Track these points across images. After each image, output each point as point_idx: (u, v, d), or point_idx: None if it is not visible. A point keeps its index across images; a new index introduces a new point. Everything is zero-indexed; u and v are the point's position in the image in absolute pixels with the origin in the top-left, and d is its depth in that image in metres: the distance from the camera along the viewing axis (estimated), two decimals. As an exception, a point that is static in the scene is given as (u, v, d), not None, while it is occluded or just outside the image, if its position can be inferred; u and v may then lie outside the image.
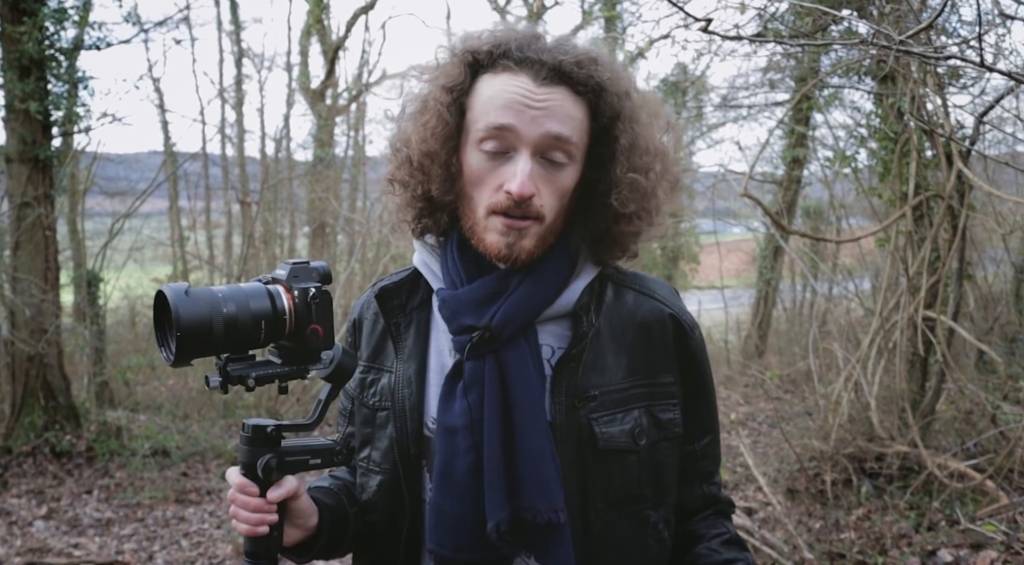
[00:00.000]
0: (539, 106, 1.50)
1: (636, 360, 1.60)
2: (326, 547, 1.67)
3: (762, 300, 14.31)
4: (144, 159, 16.57)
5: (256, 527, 1.52)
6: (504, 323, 1.54)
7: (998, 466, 5.54)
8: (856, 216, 12.13)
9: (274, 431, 1.54)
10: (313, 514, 1.63)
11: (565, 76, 1.51)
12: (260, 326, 1.46)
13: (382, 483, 1.67)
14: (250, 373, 1.49)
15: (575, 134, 1.53)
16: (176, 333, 1.39)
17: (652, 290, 1.68)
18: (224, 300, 1.44)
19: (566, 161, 1.53)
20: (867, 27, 4.55)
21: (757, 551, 5.46)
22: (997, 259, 9.41)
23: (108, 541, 6.77)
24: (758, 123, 17.24)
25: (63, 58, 8.98)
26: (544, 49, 1.53)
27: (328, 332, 1.51)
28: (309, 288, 1.49)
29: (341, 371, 1.54)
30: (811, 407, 8.37)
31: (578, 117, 1.53)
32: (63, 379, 8.95)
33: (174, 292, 1.41)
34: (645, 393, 1.60)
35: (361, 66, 17.98)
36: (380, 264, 11.93)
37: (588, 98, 1.54)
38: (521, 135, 1.51)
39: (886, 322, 6.68)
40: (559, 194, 1.55)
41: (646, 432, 1.58)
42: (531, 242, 1.54)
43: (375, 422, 1.69)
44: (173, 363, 1.43)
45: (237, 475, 1.54)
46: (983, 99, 5.95)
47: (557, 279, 1.58)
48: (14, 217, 8.72)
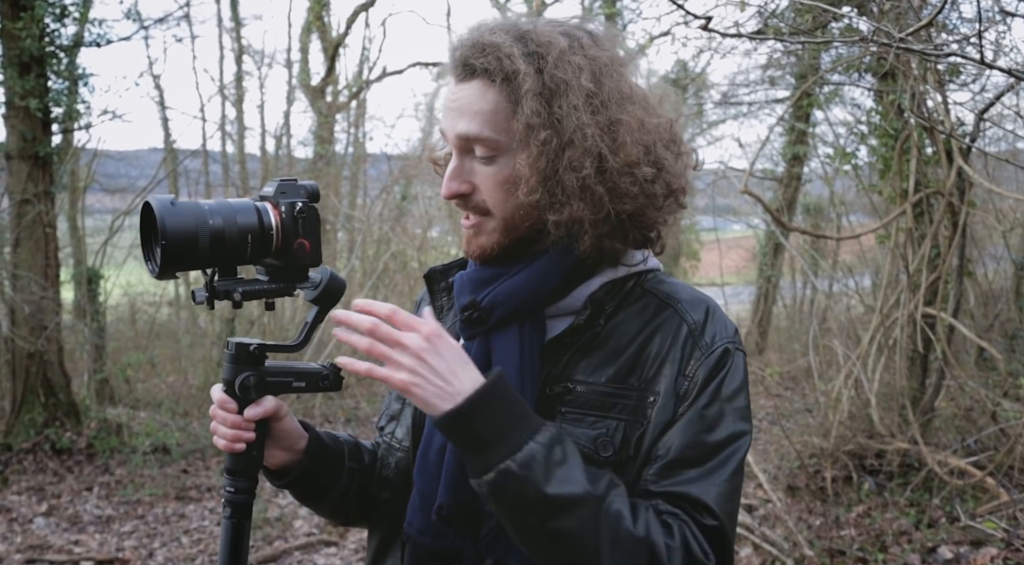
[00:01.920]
0: (454, 106, 1.50)
1: (631, 368, 1.50)
2: (309, 483, 1.68)
3: (762, 297, 14.32)
4: (144, 156, 16.57)
5: (232, 443, 1.53)
6: (492, 304, 1.52)
7: (998, 463, 5.54)
8: (856, 213, 12.14)
9: (256, 349, 1.54)
10: (300, 439, 1.64)
11: (471, 68, 1.48)
12: (247, 241, 1.46)
13: (400, 461, 1.68)
14: (236, 288, 1.49)
15: (486, 128, 1.47)
16: (161, 242, 1.38)
17: (679, 301, 1.55)
18: (211, 213, 1.44)
19: (491, 154, 1.49)
20: (867, 24, 4.54)
21: (757, 548, 5.46)
22: (997, 256, 9.41)
23: (108, 538, 6.77)
24: (758, 120, 17.27)
25: (63, 55, 8.98)
26: (463, 42, 1.50)
27: (315, 247, 1.51)
28: (296, 203, 1.50)
29: (329, 293, 1.54)
30: (811, 404, 8.38)
31: (488, 108, 1.47)
32: (63, 376, 8.95)
33: (160, 203, 1.40)
34: (632, 407, 1.48)
35: (361, 63, 17.94)
36: (380, 261, 11.93)
37: (502, 83, 1.46)
38: (448, 137, 1.53)
39: (886, 319, 6.69)
40: (501, 186, 1.50)
41: (615, 446, 1.46)
42: (488, 238, 1.54)
43: (404, 399, 1.70)
44: (158, 274, 1.43)
45: (219, 391, 1.55)
46: (983, 96, 5.95)
47: (561, 271, 1.53)
48: (14, 214, 8.73)
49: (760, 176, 13.83)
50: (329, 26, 17.04)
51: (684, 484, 1.43)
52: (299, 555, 6.30)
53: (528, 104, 1.43)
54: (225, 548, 1.59)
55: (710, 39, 6.31)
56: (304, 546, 6.40)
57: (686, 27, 7.44)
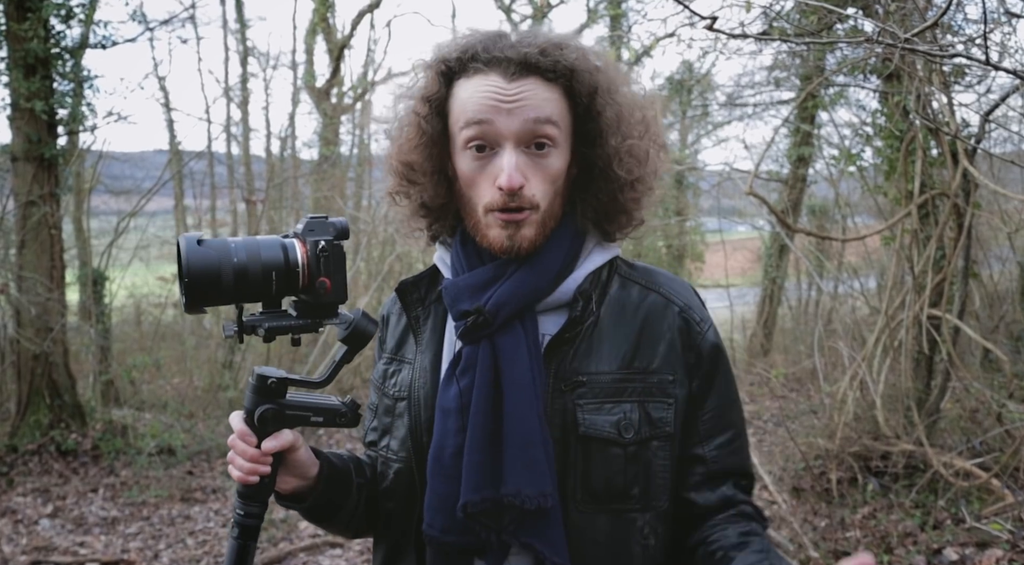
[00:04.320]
0: (513, 100, 1.55)
1: (634, 353, 1.60)
2: (321, 505, 1.71)
3: (767, 299, 14.31)
4: (149, 158, 16.59)
5: (247, 476, 1.58)
6: (497, 307, 1.57)
7: (1004, 464, 5.53)
8: (861, 214, 12.12)
9: (275, 383, 1.58)
10: (312, 466, 1.68)
11: (533, 67, 1.55)
12: (271, 277, 1.50)
13: (399, 471, 1.70)
14: (263, 323, 1.54)
15: (555, 114, 1.57)
16: (184, 279, 1.43)
17: (660, 285, 1.68)
18: (235, 250, 1.48)
19: (551, 145, 1.57)
20: (873, 25, 4.54)
21: (762, 550, 5.45)
22: (1003, 257, 9.39)
23: (114, 540, 6.78)
24: (763, 121, 17.24)
25: (68, 57, 8.99)
26: (509, 46, 1.57)
27: (338, 286, 1.54)
28: (319, 240, 1.53)
29: (358, 334, 1.58)
30: (816, 405, 8.38)
31: (555, 100, 1.58)
32: (69, 378, 8.97)
33: (187, 241, 1.46)
34: (640, 388, 1.59)
35: (366, 65, 17.98)
36: (386, 263, 11.93)
37: (561, 82, 1.58)
38: (502, 130, 1.56)
39: (891, 320, 6.68)
40: (550, 179, 1.59)
41: (635, 427, 1.57)
42: (531, 230, 1.59)
43: (395, 412, 1.73)
44: (185, 308, 1.48)
45: (239, 421, 1.60)
46: (989, 97, 5.95)
47: (556, 266, 1.61)
48: (20, 216, 8.74)
49: (765, 178, 13.81)
50: (334, 28, 17.08)
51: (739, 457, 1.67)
52: (304, 556, 6.30)
53: (602, 98, 1.60)
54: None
55: (715, 40, 6.29)
56: (309, 548, 6.41)
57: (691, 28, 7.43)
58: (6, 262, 9.12)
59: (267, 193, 14.02)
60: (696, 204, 17.50)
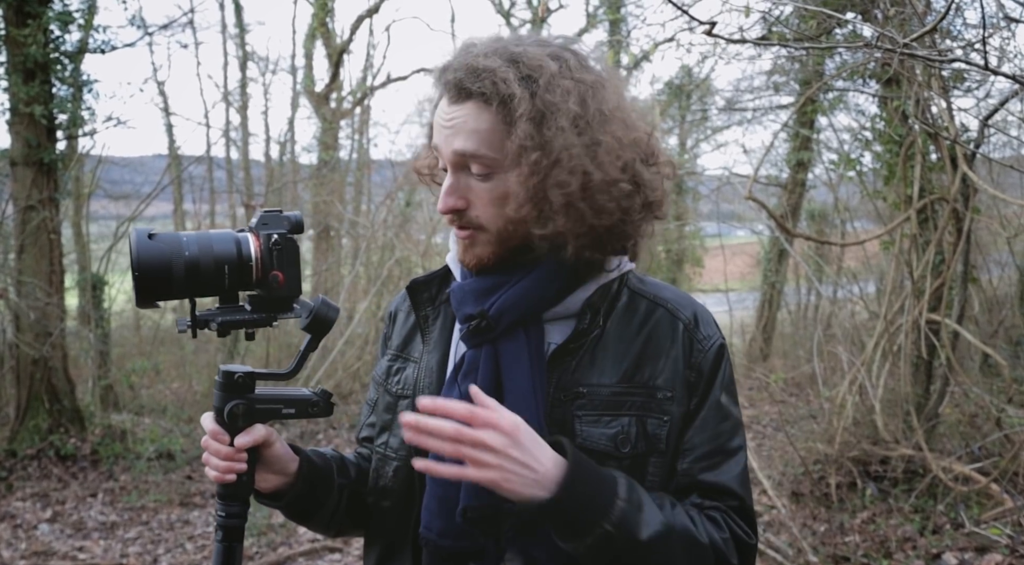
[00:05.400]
0: (448, 126, 1.54)
1: (636, 367, 1.59)
2: (300, 502, 1.71)
3: (766, 303, 14.32)
4: (149, 162, 16.61)
5: (224, 475, 1.58)
6: (500, 313, 1.57)
7: (1003, 469, 5.53)
8: (861, 219, 12.14)
9: (242, 378, 1.57)
10: (291, 462, 1.68)
11: (467, 91, 1.52)
12: (223, 271, 1.49)
13: (397, 470, 1.70)
14: (216, 317, 1.53)
15: (483, 146, 1.52)
16: (135, 273, 1.42)
17: (667, 300, 1.66)
18: (187, 243, 1.47)
19: (486, 171, 1.54)
20: (871, 30, 4.55)
21: (761, 554, 5.45)
22: (1002, 262, 9.40)
23: (113, 544, 6.77)
24: (762, 126, 17.21)
25: (68, 61, 8.99)
26: (455, 67, 1.54)
27: (291, 279, 1.54)
28: (272, 234, 1.52)
29: (319, 321, 1.57)
30: (815, 410, 8.37)
31: (484, 128, 1.52)
32: (68, 382, 8.96)
33: (137, 235, 1.45)
34: (640, 402, 1.57)
35: (365, 69, 18.00)
36: (384, 267, 11.93)
37: (498, 105, 1.51)
38: (443, 153, 1.57)
39: (890, 325, 6.68)
40: (494, 202, 1.56)
41: (632, 441, 1.56)
42: (482, 249, 1.59)
43: (396, 409, 1.72)
44: (136, 303, 1.47)
45: (211, 422, 1.59)
46: (988, 102, 5.96)
47: (560, 277, 1.59)
48: (19, 220, 8.73)
49: (764, 182, 13.84)
50: (333, 32, 17.10)
51: (714, 473, 1.59)
52: (303, 561, 6.30)
53: (521, 127, 1.49)
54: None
55: (714, 45, 6.29)
56: (308, 552, 6.40)
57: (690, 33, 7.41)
58: (5, 267, 9.12)
59: (266, 198, 14.02)
60: (695, 208, 17.52)
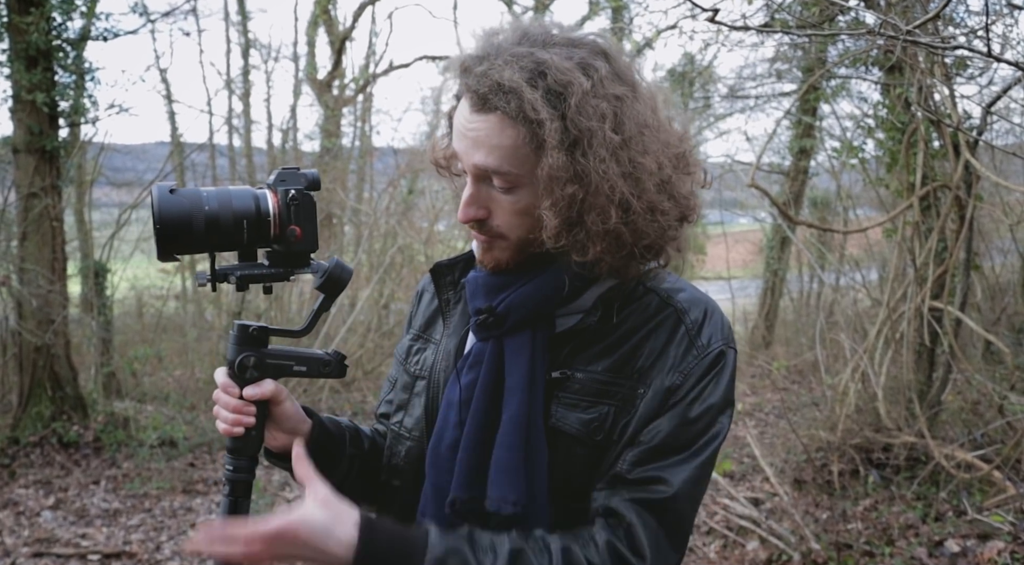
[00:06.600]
0: (470, 136, 1.47)
1: (628, 360, 1.54)
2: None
3: (769, 291, 14.32)
4: (151, 150, 16.58)
5: (232, 427, 1.59)
6: (509, 309, 1.56)
7: (1005, 456, 5.53)
8: (863, 206, 12.13)
9: (255, 331, 1.60)
10: (302, 423, 1.68)
11: (491, 104, 1.43)
12: (242, 226, 1.51)
13: (410, 450, 1.71)
14: (235, 271, 1.56)
15: (505, 163, 1.46)
16: (156, 227, 1.45)
17: (678, 301, 1.59)
18: (207, 199, 1.49)
19: (509, 186, 1.49)
20: (874, 17, 4.53)
21: (764, 541, 5.47)
22: (1004, 249, 9.41)
23: (115, 531, 6.79)
24: (765, 113, 17.21)
25: (70, 49, 8.97)
26: (479, 72, 1.45)
27: (308, 234, 1.55)
28: (290, 190, 1.54)
29: (334, 281, 1.59)
30: (818, 398, 8.38)
31: (508, 145, 1.44)
32: (70, 370, 8.97)
33: (159, 190, 1.47)
34: (624, 394, 1.53)
35: (368, 56, 17.91)
36: (387, 255, 11.93)
37: (523, 123, 1.42)
38: (464, 162, 1.51)
39: (893, 313, 6.68)
40: (516, 213, 1.51)
41: (605, 430, 1.52)
42: (502, 254, 1.57)
43: (413, 389, 1.74)
44: (158, 255, 1.49)
45: (222, 375, 1.62)
46: (990, 89, 5.94)
47: (575, 277, 1.55)
48: (21, 208, 8.73)
49: (767, 170, 13.83)
50: (336, 20, 17.05)
51: (658, 469, 1.49)
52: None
53: (553, 157, 1.41)
54: None
55: (717, 32, 6.29)
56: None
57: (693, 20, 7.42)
58: (8, 254, 9.12)
59: (269, 185, 13.96)
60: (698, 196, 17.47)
